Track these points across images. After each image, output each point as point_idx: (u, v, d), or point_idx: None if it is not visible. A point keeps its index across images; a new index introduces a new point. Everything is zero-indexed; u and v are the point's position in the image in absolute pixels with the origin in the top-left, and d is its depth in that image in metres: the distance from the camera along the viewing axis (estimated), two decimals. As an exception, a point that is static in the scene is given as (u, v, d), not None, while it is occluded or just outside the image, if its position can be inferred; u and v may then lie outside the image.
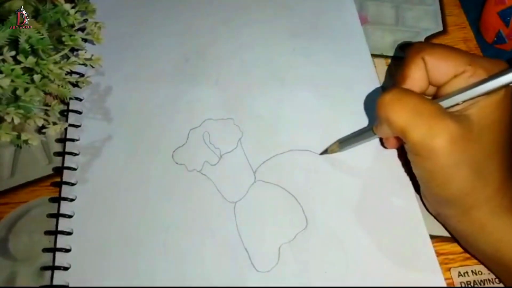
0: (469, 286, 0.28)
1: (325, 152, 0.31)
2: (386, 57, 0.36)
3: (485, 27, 0.38)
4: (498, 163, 0.24)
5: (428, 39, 0.37)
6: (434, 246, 0.28)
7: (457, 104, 0.24)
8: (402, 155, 0.30)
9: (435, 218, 0.29)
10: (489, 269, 0.27)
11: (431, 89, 0.27)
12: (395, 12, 0.39)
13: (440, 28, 0.38)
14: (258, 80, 0.34)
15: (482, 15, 0.38)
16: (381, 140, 0.31)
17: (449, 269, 0.28)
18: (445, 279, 0.27)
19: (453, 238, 0.28)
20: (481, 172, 0.23)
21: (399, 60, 0.36)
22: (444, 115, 0.23)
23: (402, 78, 0.26)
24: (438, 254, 0.28)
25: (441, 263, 0.28)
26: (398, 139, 0.28)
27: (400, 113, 0.23)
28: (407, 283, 0.27)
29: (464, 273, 0.28)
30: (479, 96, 0.23)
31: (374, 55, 0.36)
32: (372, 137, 0.28)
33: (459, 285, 0.28)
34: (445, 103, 0.24)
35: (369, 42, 0.36)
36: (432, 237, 0.28)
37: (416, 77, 0.25)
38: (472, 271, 0.28)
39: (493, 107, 0.23)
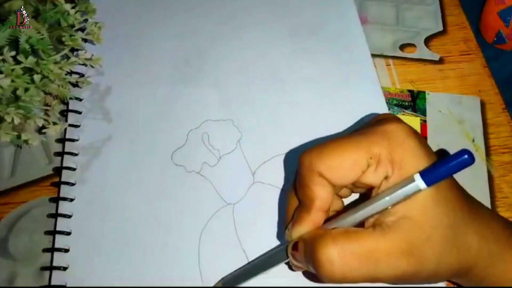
0: (469, 286, 0.28)
1: None
2: (386, 57, 0.36)
3: (485, 27, 0.38)
4: (466, 223, 0.22)
5: (428, 39, 0.37)
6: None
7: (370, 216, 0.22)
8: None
9: None
10: None
11: (344, 190, 0.25)
12: (395, 12, 0.39)
13: (440, 28, 0.38)
14: (258, 81, 0.34)
15: (482, 15, 0.38)
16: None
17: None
18: (445, 280, 0.27)
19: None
20: (457, 246, 0.22)
21: (399, 60, 0.36)
22: (394, 241, 0.21)
23: (310, 201, 0.23)
24: (438, 254, 0.28)
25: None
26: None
27: (360, 273, 0.21)
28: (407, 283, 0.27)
29: (463, 274, 0.28)
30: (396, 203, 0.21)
31: (374, 55, 0.36)
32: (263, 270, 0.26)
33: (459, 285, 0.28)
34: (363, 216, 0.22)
35: (369, 42, 0.36)
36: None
37: (323, 195, 0.22)
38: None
39: (425, 196, 0.21)
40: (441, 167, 0.20)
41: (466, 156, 0.19)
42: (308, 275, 0.27)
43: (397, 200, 0.21)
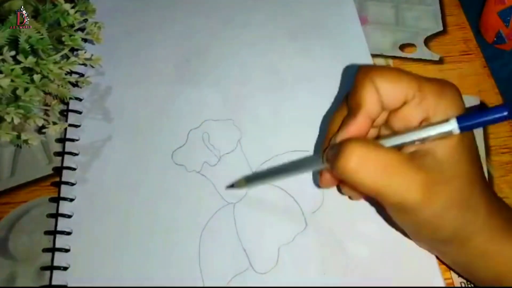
0: (469, 286, 0.28)
1: (231, 186, 0.29)
2: (386, 57, 0.36)
3: (485, 27, 0.38)
4: (480, 189, 0.23)
5: (428, 39, 0.37)
6: (433, 247, 0.28)
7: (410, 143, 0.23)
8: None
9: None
10: None
11: (383, 115, 0.25)
12: (395, 12, 0.39)
13: (440, 28, 0.38)
14: (258, 80, 0.34)
15: (482, 15, 0.38)
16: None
17: (449, 269, 0.28)
18: (445, 279, 0.27)
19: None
20: (468, 205, 0.22)
21: (399, 60, 0.36)
22: (415, 168, 0.21)
23: (357, 106, 0.24)
24: (438, 254, 0.28)
25: (440, 263, 0.28)
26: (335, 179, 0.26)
27: (372, 178, 0.21)
28: (406, 283, 0.27)
29: (463, 274, 0.28)
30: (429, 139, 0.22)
31: (374, 55, 0.36)
32: (294, 172, 0.26)
33: (459, 285, 0.28)
34: (396, 142, 0.23)
35: (369, 42, 0.36)
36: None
37: (370, 103, 0.23)
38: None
39: (453, 138, 0.22)
40: (478, 117, 0.21)
41: (506, 113, 0.20)
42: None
43: (427, 135, 0.22)
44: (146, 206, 0.29)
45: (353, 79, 0.25)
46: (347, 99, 0.26)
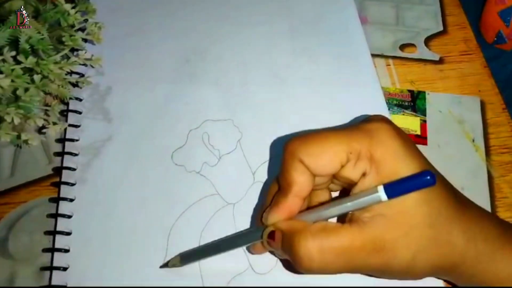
0: (469, 286, 0.28)
1: (165, 265, 0.27)
2: (386, 57, 0.36)
3: (485, 27, 0.38)
4: (450, 222, 0.22)
5: (428, 39, 0.37)
6: (433, 247, 0.28)
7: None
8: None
9: None
10: None
11: (321, 179, 0.25)
12: (395, 12, 0.39)
13: (440, 28, 0.38)
14: (258, 80, 0.34)
15: (482, 15, 0.38)
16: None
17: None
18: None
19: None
20: (438, 243, 0.22)
21: (399, 60, 0.36)
22: (369, 239, 0.21)
23: (288, 185, 0.23)
24: (438, 254, 0.28)
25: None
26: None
27: (336, 267, 0.22)
28: (406, 283, 0.27)
29: (463, 274, 0.28)
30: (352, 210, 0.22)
31: (374, 55, 0.36)
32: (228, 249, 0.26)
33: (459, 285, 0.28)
34: (324, 217, 0.23)
35: (369, 42, 0.36)
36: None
37: (300, 183, 0.23)
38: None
39: (401, 202, 0.22)
40: (404, 183, 0.21)
41: (428, 177, 0.20)
42: (283, 262, 0.28)
43: (358, 206, 0.22)
44: (145, 207, 0.29)
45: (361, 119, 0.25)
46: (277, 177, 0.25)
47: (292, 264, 0.23)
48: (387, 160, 0.22)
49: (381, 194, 0.21)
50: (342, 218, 0.23)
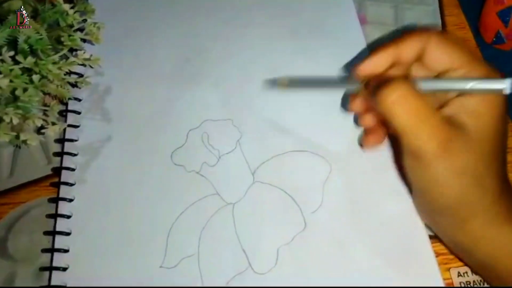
0: (469, 286, 0.28)
1: (273, 83, 0.30)
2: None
3: (484, 27, 0.38)
4: (496, 172, 0.24)
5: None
6: (433, 246, 0.28)
7: (442, 91, 0.24)
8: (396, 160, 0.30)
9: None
10: (485, 279, 0.27)
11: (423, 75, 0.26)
12: (394, 12, 0.39)
13: (439, 28, 0.38)
14: (258, 80, 0.34)
15: (482, 15, 0.38)
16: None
17: (448, 269, 0.28)
18: (445, 279, 0.27)
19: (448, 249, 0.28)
20: (480, 182, 0.23)
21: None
22: (445, 126, 0.23)
23: (397, 40, 0.25)
24: (437, 254, 0.28)
25: (440, 263, 0.28)
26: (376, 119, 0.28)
27: (404, 116, 0.23)
28: (406, 284, 0.27)
29: (463, 273, 0.28)
30: (463, 91, 0.24)
31: (373, 55, 0.35)
32: (329, 86, 0.28)
33: (459, 285, 0.28)
34: (432, 86, 0.24)
35: (368, 42, 0.36)
36: (431, 237, 0.28)
37: (410, 45, 0.25)
38: (471, 270, 0.28)
39: (487, 116, 0.23)
40: None
41: None
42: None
43: (479, 88, 0.23)
44: (145, 207, 0.29)
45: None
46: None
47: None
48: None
49: (507, 85, 0.22)
50: None
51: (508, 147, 0.32)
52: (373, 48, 0.29)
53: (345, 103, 0.30)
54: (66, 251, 0.28)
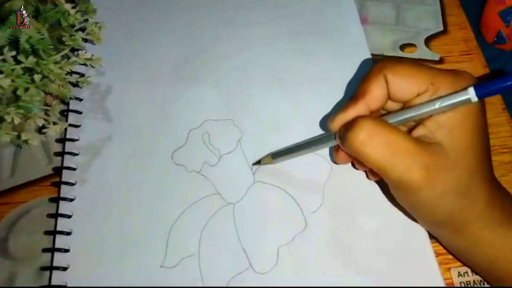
0: (469, 286, 0.28)
1: (257, 163, 0.30)
2: (386, 57, 0.36)
3: (485, 27, 0.38)
4: (482, 179, 0.24)
5: (429, 39, 0.37)
6: (433, 246, 0.28)
7: (414, 119, 0.24)
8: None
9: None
10: (485, 280, 0.27)
11: (393, 105, 0.26)
12: (395, 12, 0.39)
13: (441, 28, 0.38)
14: (258, 80, 0.34)
15: (483, 15, 0.38)
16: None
17: (448, 269, 0.28)
18: (445, 279, 0.27)
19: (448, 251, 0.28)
20: (467, 193, 0.23)
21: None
22: (420, 150, 0.22)
23: (362, 93, 0.25)
24: (438, 254, 0.28)
25: (440, 263, 0.28)
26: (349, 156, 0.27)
27: (377, 152, 0.22)
28: (406, 283, 0.27)
29: (464, 273, 0.28)
30: (434, 113, 0.23)
31: (374, 55, 0.36)
32: (312, 148, 0.28)
33: (459, 285, 0.28)
34: (400, 119, 0.24)
35: (369, 42, 0.36)
36: (431, 237, 0.28)
37: (375, 94, 0.24)
38: (472, 271, 0.28)
39: (460, 129, 0.23)
40: (495, 84, 0.21)
41: None
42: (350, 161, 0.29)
43: (446, 105, 0.22)
44: (146, 206, 0.29)
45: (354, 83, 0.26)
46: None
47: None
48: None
49: (471, 94, 0.21)
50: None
51: (508, 147, 0.33)
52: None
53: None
54: (66, 250, 0.28)
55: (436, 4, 0.39)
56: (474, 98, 0.22)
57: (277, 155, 0.29)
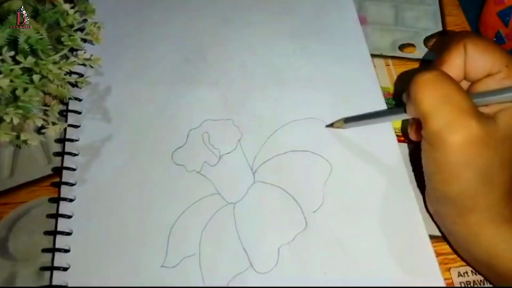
0: (469, 286, 0.28)
1: (330, 125, 0.32)
2: (385, 57, 0.36)
3: (484, 27, 0.38)
4: (509, 173, 0.24)
5: (428, 39, 0.37)
6: (433, 246, 0.28)
7: (486, 105, 0.24)
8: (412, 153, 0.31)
9: (432, 218, 0.29)
10: (484, 276, 0.27)
11: (463, 84, 0.26)
12: (394, 12, 0.39)
13: (440, 28, 0.38)
14: (258, 81, 0.34)
15: (482, 15, 0.38)
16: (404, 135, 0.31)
17: (449, 269, 0.28)
18: (445, 279, 0.27)
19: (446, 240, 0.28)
20: (489, 179, 0.23)
21: (398, 60, 0.36)
22: (472, 113, 0.22)
23: (441, 62, 0.25)
24: (438, 254, 0.28)
25: (440, 263, 0.28)
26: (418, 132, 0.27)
27: (429, 96, 0.22)
28: (406, 283, 0.27)
29: (464, 273, 0.28)
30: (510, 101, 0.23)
31: (373, 55, 0.36)
32: (384, 118, 0.29)
33: (459, 285, 0.28)
34: (475, 101, 0.24)
35: (368, 42, 0.36)
36: (432, 237, 0.28)
37: (454, 63, 0.25)
38: (472, 271, 0.28)
39: None
40: None
41: None
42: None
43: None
44: (145, 207, 0.29)
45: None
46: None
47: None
48: None
49: None
50: None
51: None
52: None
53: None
54: (67, 251, 0.28)
55: (435, 4, 0.39)
56: None
57: (349, 120, 0.30)
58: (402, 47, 0.37)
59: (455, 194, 0.24)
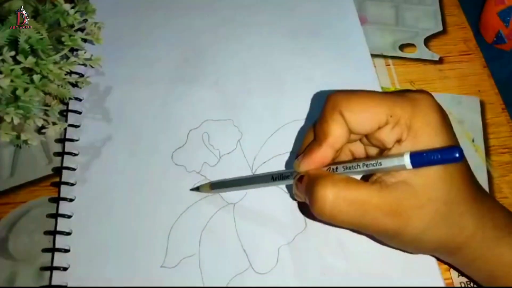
0: (469, 286, 0.28)
1: (196, 189, 0.30)
2: (385, 57, 0.36)
3: (485, 27, 0.38)
4: (464, 202, 0.23)
5: (428, 39, 0.37)
6: (433, 247, 0.28)
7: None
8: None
9: None
10: None
11: (356, 136, 0.25)
12: (394, 12, 0.39)
13: (440, 28, 0.38)
14: (258, 81, 0.34)
15: (482, 15, 0.38)
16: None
17: (449, 269, 0.28)
18: (445, 279, 0.27)
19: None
20: (450, 222, 0.22)
21: (399, 60, 0.36)
22: (386, 199, 0.22)
23: (323, 135, 0.24)
24: (438, 254, 0.28)
25: (440, 263, 0.28)
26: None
27: (348, 218, 0.22)
28: (406, 284, 0.27)
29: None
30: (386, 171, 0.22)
31: (373, 55, 0.36)
32: (252, 186, 0.28)
33: (459, 285, 0.28)
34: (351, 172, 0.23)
35: (368, 42, 0.36)
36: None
37: (337, 134, 0.23)
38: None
39: (432, 170, 0.22)
40: (431, 155, 0.21)
41: (457, 154, 0.20)
42: (302, 208, 0.29)
43: (382, 168, 0.22)
44: (146, 206, 0.29)
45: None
46: (315, 123, 0.25)
47: (307, 208, 0.24)
48: (425, 131, 0.22)
49: (406, 161, 0.21)
50: (366, 178, 0.24)
51: (508, 147, 0.33)
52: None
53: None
54: (67, 251, 0.28)
55: (436, 4, 0.39)
56: (409, 166, 0.21)
57: (215, 186, 0.29)
58: (402, 47, 0.37)
59: (433, 249, 0.24)
